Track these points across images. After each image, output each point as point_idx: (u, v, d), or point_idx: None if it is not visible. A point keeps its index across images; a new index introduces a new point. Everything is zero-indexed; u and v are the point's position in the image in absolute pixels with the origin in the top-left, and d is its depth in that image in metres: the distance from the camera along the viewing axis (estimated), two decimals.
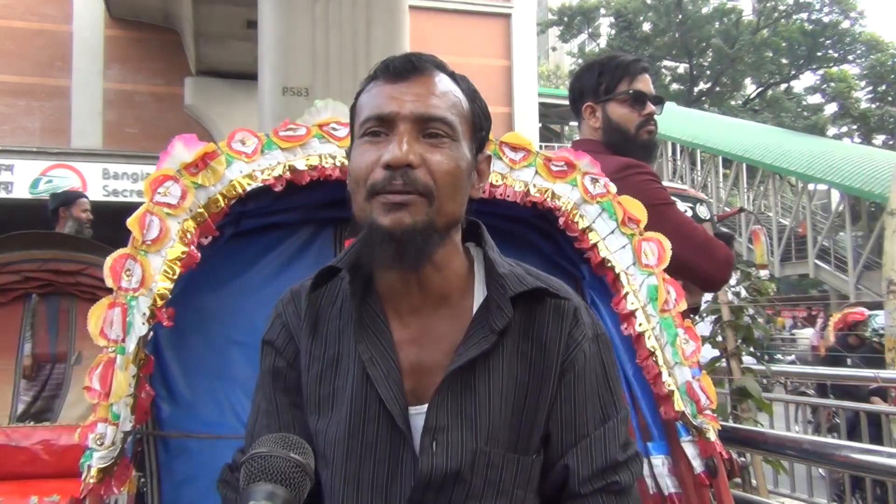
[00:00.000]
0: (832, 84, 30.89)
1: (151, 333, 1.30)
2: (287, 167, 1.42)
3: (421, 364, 0.98)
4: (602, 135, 2.02)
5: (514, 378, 0.98)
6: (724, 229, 2.22)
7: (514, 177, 1.51)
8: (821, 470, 4.35)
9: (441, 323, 0.99)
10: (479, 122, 1.01)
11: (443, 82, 0.98)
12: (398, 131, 0.93)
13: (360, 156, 0.95)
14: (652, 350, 1.44)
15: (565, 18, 33.09)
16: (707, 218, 8.38)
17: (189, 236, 1.31)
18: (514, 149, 1.54)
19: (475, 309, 1.00)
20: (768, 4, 31.43)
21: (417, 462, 0.94)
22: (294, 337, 1.05)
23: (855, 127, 31.19)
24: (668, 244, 1.51)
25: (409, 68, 0.96)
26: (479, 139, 1.02)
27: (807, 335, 14.88)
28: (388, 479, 0.95)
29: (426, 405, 0.96)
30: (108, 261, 1.25)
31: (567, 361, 1.00)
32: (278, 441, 0.84)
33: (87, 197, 4.57)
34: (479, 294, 1.01)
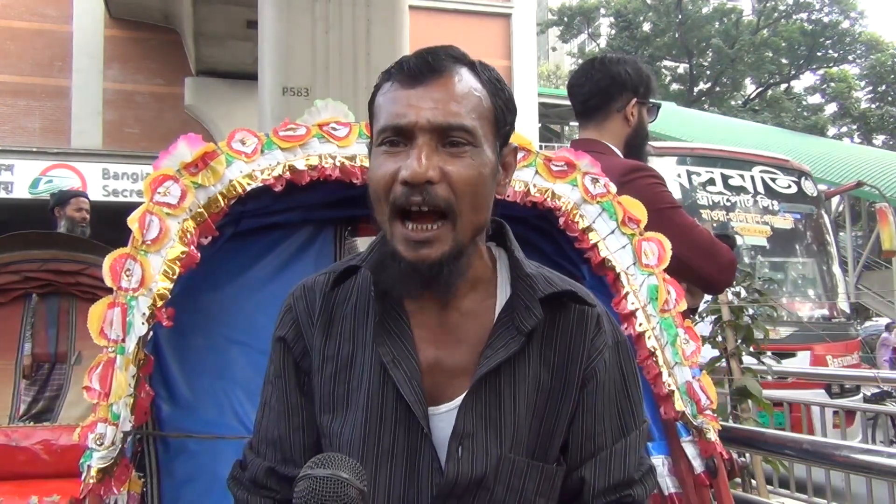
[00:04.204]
0: (832, 84, 30.87)
1: (151, 333, 1.30)
2: (287, 167, 1.42)
3: (440, 365, 0.96)
4: (629, 133, 2.03)
5: (538, 383, 0.96)
6: (726, 232, 2.22)
7: (515, 176, 1.51)
8: None
9: (462, 323, 0.97)
10: (502, 118, 0.95)
11: (462, 81, 0.91)
12: (416, 144, 0.88)
13: (378, 167, 0.90)
14: (652, 350, 1.44)
15: (565, 18, 33.06)
16: (814, 194, 7.96)
17: (189, 236, 1.31)
18: None
19: (498, 309, 0.97)
20: (768, 4, 31.41)
21: (437, 466, 0.93)
22: (303, 333, 1.02)
23: (855, 127, 31.17)
24: (668, 244, 1.51)
25: (425, 70, 0.90)
26: (503, 134, 0.96)
27: None
28: (406, 483, 0.93)
29: (443, 406, 0.95)
30: (108, 261, 1.24)
31: (588, 370, 0.97)
32: (345, 465, 0.80)
33: (85, 196, 4.55)
34: (502, 295, 0.98)
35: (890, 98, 30.00)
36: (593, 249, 1.51)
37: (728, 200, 6.65)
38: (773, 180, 6.86)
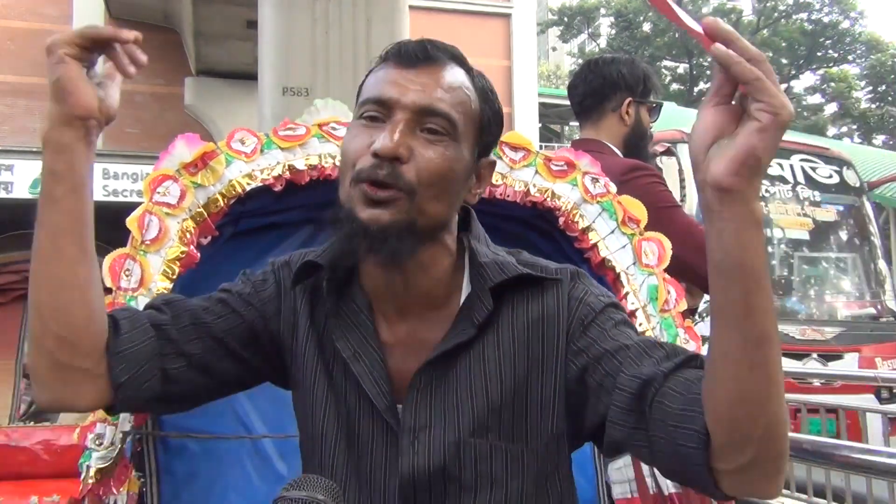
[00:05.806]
0: (832, 84, 30.85)
1: None
2: (286, 167, 1.42)
3: (409, 367, 0.94)
4: (627, 133, 2.04)
5: (508, 360, 0.92)
6: None
7: (514, 176, 1.51)
8: None
9: (429, 324, 0.95)
10: (487, 125, 0.95)
11: (455, 75, 0.91)
12: (394, 119, 0.87)
13: (352, 138, 0.90)
14: None
15: (565, 18, 33.06)
16: (857, 185, 7.49)
17: (188, 236, 1.31)
18: (514, 148, 1.54)
19: (462, 301, 0.95)
20: (768, 4, 31.41)
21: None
22: (282, 296, 1.02)
23: (855, 127, 31.17)
24: (668, 244, 1.50)
25: (421, 55, 0.90)
26: (484, 143, 0.95)
27: None
28: (387, 475, 0.93)
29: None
30: (107, 261, 1.24)
31: (574, 319, 0.92)
32: (320, 486, 0.81)
33: None
34: (466, 289, 0.96)
35: (890, 98, 30.00)
36: (593, 249, 1.51)
37: (766, 191, 6.08)
38: (814, 169, 6.37)
